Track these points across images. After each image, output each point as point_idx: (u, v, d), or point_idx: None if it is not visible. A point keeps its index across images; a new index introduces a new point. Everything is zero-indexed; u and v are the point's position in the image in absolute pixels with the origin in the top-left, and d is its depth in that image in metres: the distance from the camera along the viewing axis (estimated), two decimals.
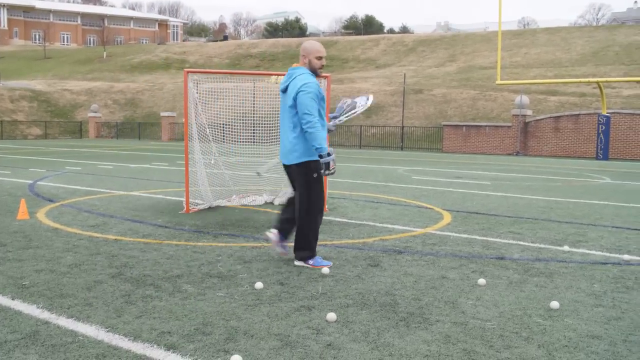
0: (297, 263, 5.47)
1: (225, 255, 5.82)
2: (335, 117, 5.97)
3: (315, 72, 5.34)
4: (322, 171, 5.22)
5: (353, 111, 5.84)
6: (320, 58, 5.33)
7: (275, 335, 3.64)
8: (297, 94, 5.17)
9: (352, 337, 3.64)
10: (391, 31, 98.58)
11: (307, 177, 5.36)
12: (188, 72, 8.81)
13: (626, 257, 6.11)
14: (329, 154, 5.17)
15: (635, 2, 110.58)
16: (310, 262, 5.44)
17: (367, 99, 5.98)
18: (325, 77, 9.17)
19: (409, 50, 61.07)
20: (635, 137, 29.08)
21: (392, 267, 5.47)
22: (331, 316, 3.93)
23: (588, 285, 4.98)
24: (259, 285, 4.69)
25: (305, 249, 5.45)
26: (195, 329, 3.73)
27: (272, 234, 5.60)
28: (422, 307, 4.28)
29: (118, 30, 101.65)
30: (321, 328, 3.78)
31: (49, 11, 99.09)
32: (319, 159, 5.23)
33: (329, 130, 5.90)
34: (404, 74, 41.50)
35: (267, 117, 10.23)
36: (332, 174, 5.25)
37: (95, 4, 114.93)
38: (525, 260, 5.89)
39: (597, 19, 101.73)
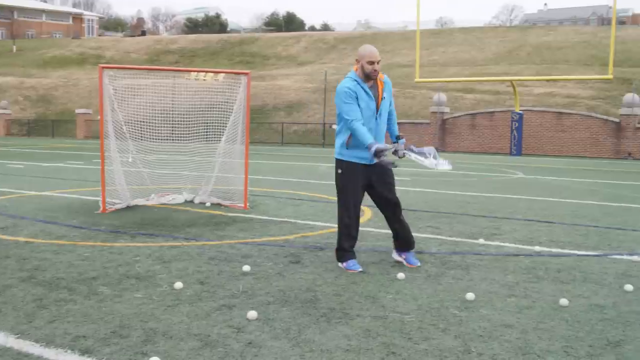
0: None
1: (143, 256, 5.69)
2: (409, 149, 5.45)
3: (369, 77, 5.29)
4: (385, 164, 5.15)
5: (421, 158, 5.51)
6: (371, 63, 5.25)
7: (195, 336, 3.59)
8: (335, 96, 5.37)
9: (273, 334, 3.64)
10: (312, 29, 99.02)
11: (335, 173, 5.51)
12: (103, 67, 8.56)
13: (537, 248, 6.38)
14: (378, 151, 5.03)
15: (545, 4, 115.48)
16: (343, 264, 5.39)
17: (438, 164, 5.51)
18: (245, 74, 9.13)
19: (330, 47, 61.53)
20: (546, 134, 30.38)
21: (314, 264, 5.50)
22: (252, 314, 3.91)
23: (502, 277, 5.17)
24: (178, 285, 4.61)
25: (338, 248, 5.50)
26: (112, 332, 3.63)
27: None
28: (342, 302, 4.32)
29: (29, 23, 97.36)
30: (242, 326, 3.76)
31: None
32: (340, 158, 5.43)
33: (387, 164, 5.30)
34: (325, 72, 41.77)
35: (187, 114, 10.08)
36: (390, 163, 5.16)
37: None
38: (442, 254, 6.05)
39: (511, 20, 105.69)
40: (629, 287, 4.81)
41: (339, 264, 5.43)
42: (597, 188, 13.29)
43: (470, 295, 4.46)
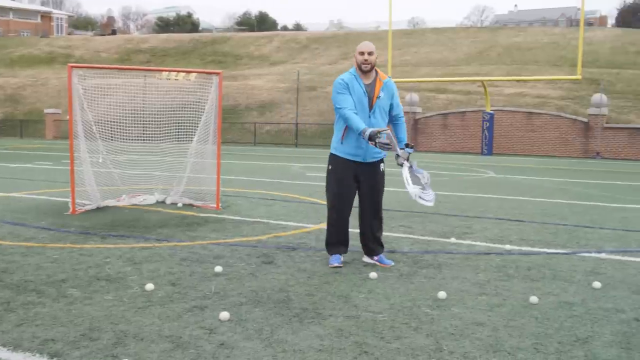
0: None
1: (114, 257, 5.63)
2: (410, 165, 5.40)
3: (363, 70, 5.40)
4: (382, 146, 5.12)
5: (410, 181, 5.45)
6: (361, 53, 5.39)
7: (167, 337, 3.56)
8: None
9: (246, 335, 3.63)
10: (285, 28, 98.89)
11: (327, 168, 5.59)
12: (72, 67, 8.45)
13: (508, 247, 6.45)
14: (372, 135, 5.02)
15: (515, 5, 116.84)
16: (330, 262, 5.52)
17: (421, 195, 5.41)
18: (217, 73, 9.09)
19: (303, 47, 61.48)
20: (517, 133, 30.75)
21: (286, 264, 5.49)
22: (224, 315, 3.90)
23: (473, 275, 5.22)
24: (149, 286, 4.57)
25: (325, 243, 5.70)
26: (82, 335, 3.58)
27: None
28: (315, 302, 4.32)
29: None
30: (214, 327, 3.74)
31: None
32: (334, 153, 5.50)
33: (385, 145, 5.17)
34: (298, 71, 41.75)
35: (159, 114, 9.99)
36: (387, 144, 5.11)
37: None
38: (415, 253, 6.09)
39: (482, 21, 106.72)
40: (597, 284, 4.90)
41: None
42: (566, 187, 13.49)
43: (442, 294, 4.50)
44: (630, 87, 38.31)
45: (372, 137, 5.03)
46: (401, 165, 5.39)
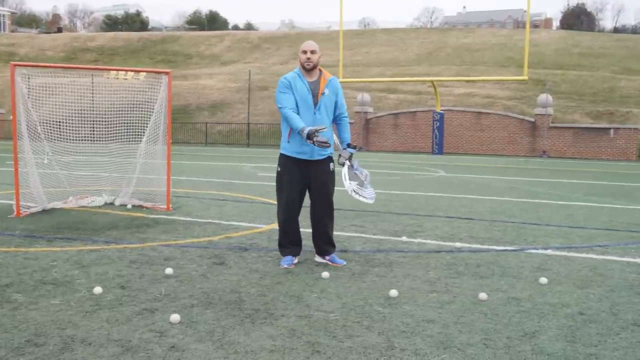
0: None
1: (60, 261, 5.50)
2: (351, 164, 5.58)
3: (303, 67, 5.48)
4: (319, 144, 5.09)
5: (348, 178, 5.56)
6: (304, 52, 5.48)
7: (116, 341, 3.50)
8: None
9: (197, 337, 3.59)
10: (236, 28, 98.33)
11: (277, 169, 5.58)
12: (15, 65, 8.22)
13: (457, 244, 6.56)
14: (310, 133, 5.03)
15: (464, 7, 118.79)
16: (281, 263, 5.52)
17: (360, 193, 5.59)
18: (166, 73, 8.98)
19: (254, 47, 61.27)
20: (466, 133, 31.29)
21: (238, 265, 5.46)
22: (175, 317, 3.85)
23: (424, 273, 5.28)
24: (97, 290, 4.48)
25: (278, 244, 5.70)
26: (27, 341, 3.49)
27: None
28: (267, 302, 4.31)
29: None
30: (164, 330, 3.69)
31: None
32: (283, 152, 5.50)
33: (323, 143, 5.13)
34: (249, 71, 41.57)
35: (107, 114, 9.81)
36: (325, 142, 5.08)
37: None
38: (366, 252, 6.13)
39: (431, 22, 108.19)
40: (543, 279, 5.02)
41: None
42: (515, 185, 13.78)
43: (393, 292, 4.54)
44: (574, 87, 39.44)
45: (310, 136, 5.04)
46: (342, 164, 5.55)
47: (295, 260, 5.55)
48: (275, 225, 7.57)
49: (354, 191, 5.50)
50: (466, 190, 12.35)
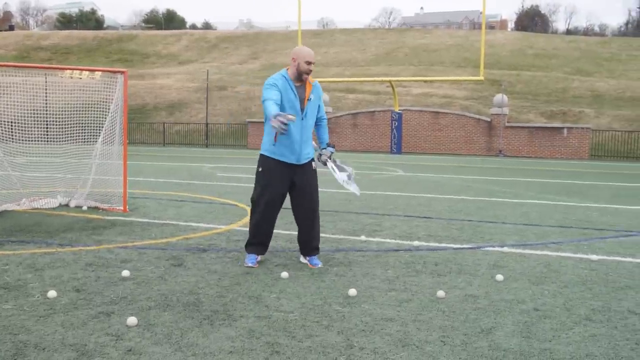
0: None
1: (13, 264, 5.37)
2: (333, 160, 5.69)
3: (300, 77, 5.38)
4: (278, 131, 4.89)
5: (337, 171, 5.66)
6: (309, 63, 5.34)
7: (71, 346, 3.43)
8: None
9: (154, 340, 3.54)
10: (194, 27, 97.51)
11: (256, 169, 5.55)
12: None
13: (416, 243, 6.62)
14: (276, 115, 4.82)
15: (422, 8, 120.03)
16: (245, 261, 5.52)
17: (349, 183, 5.72)
18: (122, 72, 8.85)
19: (212, 46, 60.85)
20: (424, 132, 31.61)
21: (196, 266, 5.41)
22: (132, 320, 3.79)
23: (383, 272, 5.32)
24: (52, 293, 4.39)
25: (246, 243, 5.64)
26: None
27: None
28: (226, 304, 4.28)
29: None
30: (121, 334, 3.63)
31: None
32: (264, 154, 5.44)
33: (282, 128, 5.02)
34: (207, 71, 41.26)
35: (62, 114, 9.61)
36: (281, 127, 4.77)
37: None
38: (326, 251, 6.14)
39: (389, 22, 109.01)
40: (499, 277, 5.10)
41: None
42: (472, 184, 13.99)
43: (352, 291, 4.56)
44: (528, 88, 40.25)
45: (275, 117, 4.75)
46: (324, 162, 5.69)
47: (259, 259, 5.55)
48: (234, 226, 7.54)
49: (345, 181, 5.68)
50: (424, 189, 12.48)
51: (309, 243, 5.62)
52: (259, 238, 5.54)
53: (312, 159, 5.63)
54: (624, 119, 33.31)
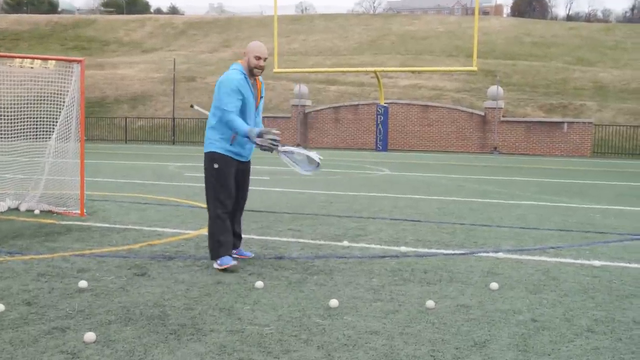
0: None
1: None
2: (283, 148, 5.81)
3: (252, 72, 5.72)
4: (269, 149, 5.59)
5: (292, 159, 5.86)
6: (259, 58, 5.68)
7: None
8: (216, 87, 5.70)
9: (115, 357, 3.52)
10: (159, 11, 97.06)
11: (209, 167, 5.75)
12: None
13: (403, 249, 6.65)
14: (259, 136, 5.53)
15: None
16: (217, 261, 5.62)
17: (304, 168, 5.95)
18: (78, 61, 8.79)
19: (179, 33, 60.63)
20: (412, 128, 31.76)
21: (162, 275, 5.39)
22: (89, 336, 3.77)
23: (367, 280, 5.33)
24: None
25: (213, 245, 5.74)
26: None
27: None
28: (194, 317, 4.27)
29: None
30: (77, 351, 3.61)
31: None
32: (218, 151, 5.69)
33: (264, 147, 5.67)
34: (174, 60, 41.08)
35: (10, 108, 9.51)
36: (273, 146, 5.57)
37: None
38: (304, 258, 6.15)
39: (374, 7, 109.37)
40: (494, 285, 5.14)
41: (214, 265, 5.65)
42: (464, 184, 14.08)
43: (333, 302, 4.56)
44: (525, 79, 40.61)
45: (260, 134, 5.52)
46: (270, 149, 5.70)
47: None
48: (204, 231, 7.51)
49: (300, 166, 5.91)
50: (412, 190, 12.54)
51: (237, 234, 6.05)
52: (228, 236, 5.74)
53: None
54: (628, 112, 33.75)
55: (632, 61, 43.69)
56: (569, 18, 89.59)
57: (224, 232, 5.71)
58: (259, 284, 5.09)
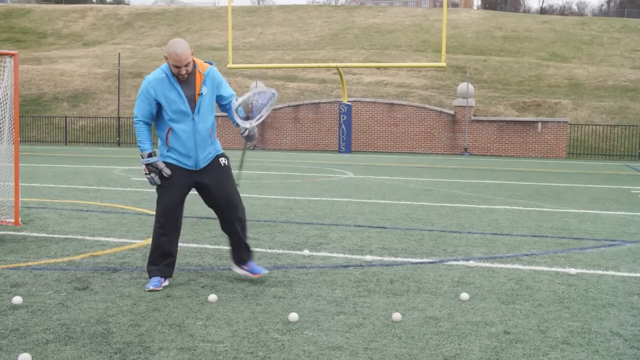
0: None
1: None
2: (251, 118, 5.64)
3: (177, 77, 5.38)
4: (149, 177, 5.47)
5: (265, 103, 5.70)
6: (176, 67, 5.26)
7: None
8: None
9: None
10: (102, 1, 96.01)
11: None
12: None
13: (368, 257, 6.68)
14: (149, 156, 5.43)
15: None
16: (147, 285, 5.41)
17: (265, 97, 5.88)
18: (11, 54, 8.67)
19: (125, 25, 60.06)
20: (377, 128, 31.93)
21: (106, 289, 5.34)
22: (24, 357, 3.71)
23: (329, 292, 5.35)
24: None
25: (147, 264, 5.59)
26: None
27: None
28: (142, 334, 4.23)
29: None
30: None
31: None
32: (163, 160, 5.50)
33: (250, 137, 5.69)
34: (119, 54, 40.68)
35: None
36: (150, 182, 5.50)
37: None
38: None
39: None
40: (464, 295, 5.19)
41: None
42: (433, 187, 14.20)
43: (293, 316, 4.56)
44: (497, 75, 41.14)
45: (147, 167, 5.41)
46: (251, 136, 5.67)
47: (165, 283, 5.47)
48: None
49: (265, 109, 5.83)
50: (378, 195, 12.61)
51: (237, 250, 5.71)
52: (159, 252, 5.52)
53: (220, 155, 5.69)
54: (605, 111, 34.42)
55: (609, 57, 44.59)
56: (542, 11, 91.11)
57: (156, 248, 5.51)
58: (212, 297, 5.06)
